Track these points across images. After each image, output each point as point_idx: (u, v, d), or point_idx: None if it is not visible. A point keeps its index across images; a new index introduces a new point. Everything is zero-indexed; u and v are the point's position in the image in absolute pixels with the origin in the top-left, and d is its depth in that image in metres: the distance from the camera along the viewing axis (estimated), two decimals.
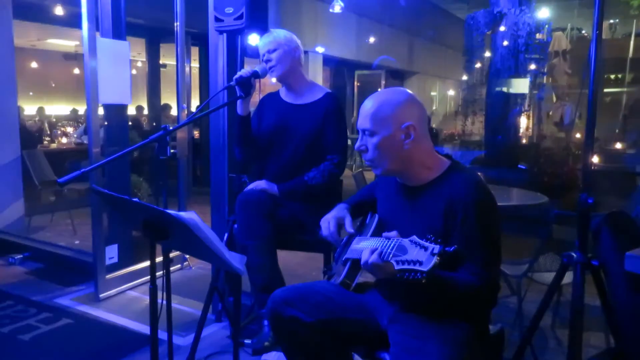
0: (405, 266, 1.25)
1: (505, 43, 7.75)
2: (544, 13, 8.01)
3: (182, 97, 4.01)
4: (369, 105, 1.58)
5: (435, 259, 1.23)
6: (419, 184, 1.60)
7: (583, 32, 12.83)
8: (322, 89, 2.52)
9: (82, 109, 10.90)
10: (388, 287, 1.67)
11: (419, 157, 1.57)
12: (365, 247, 1.44)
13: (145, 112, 10.22)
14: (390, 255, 1.32)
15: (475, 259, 1.46)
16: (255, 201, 2.31)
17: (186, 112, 4.06)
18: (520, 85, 7.97)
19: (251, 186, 2.43)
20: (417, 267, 1.24)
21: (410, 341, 1.50)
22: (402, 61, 14.01)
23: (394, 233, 1.42)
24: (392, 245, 1.34)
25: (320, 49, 10.03)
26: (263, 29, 2.51)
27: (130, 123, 7.06)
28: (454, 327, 1.50)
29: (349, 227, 1.79)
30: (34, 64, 12.53)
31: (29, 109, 10.16)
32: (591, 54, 1.79)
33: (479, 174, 1.67)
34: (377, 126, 1.55)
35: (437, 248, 1.24)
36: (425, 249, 1.25)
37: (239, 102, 2.38)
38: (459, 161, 1.65)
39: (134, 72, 11.84)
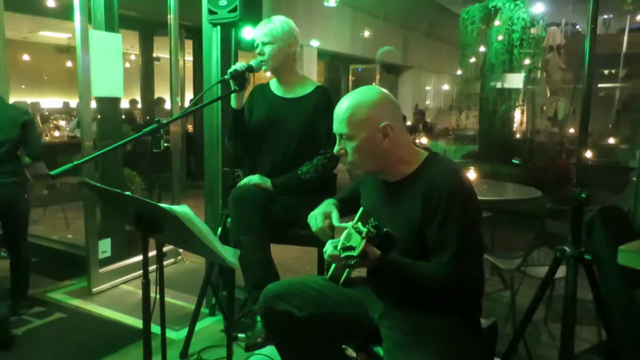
0: (347, 252, 1.32)
1: (500, 38, 7.74)
2: (538, 8, 7.99)
3: (176, 90, 3.99)
4: (342, 108, 1.55)
5: (363, 242, 1.28)
6: (399, 178, 1.59)
7: (578, 27, 12.85)
8: (313, 83, 2.50)
9: (74, 102, 10.83)
10: (376, 283, 1.67)
11: (398, 153, 1.56)
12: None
13: (139, 105, 10.18)
14: (342, 245, 1.38)
15: (445, 250, 1.44)
16: (249, 196, 2.29)
17: (180, 105, 4.05)
18: (515, 80, 7.98)
19: (244, 181, 2.42)
20: (351, 253, 1.30)
21: (401, 336, 1.50)
22: (396, 55, 13.99)
23: (349, 223, 1.51)
24: (343, 235, 1.38)
25: (314, 43, 10.00)
26: (257, 22, 2.49)
27: (123, 116, 7.02)
28: (445, 322, 1.50)
29: (335, 221, 1.78)
30: (26, 57, 12.43)
31: (22, 102, 10.08)
32: (586, 48, 1.79)
33: (461, 167, 1.66)
34: (354, 130, 1.53)
35: (364, 232, 1.29)
36: (360, 233, 1.30)
37: (233, 95, 2.37)
38: (437, 152, 1.64)
39: (127, 65, 11.78)
